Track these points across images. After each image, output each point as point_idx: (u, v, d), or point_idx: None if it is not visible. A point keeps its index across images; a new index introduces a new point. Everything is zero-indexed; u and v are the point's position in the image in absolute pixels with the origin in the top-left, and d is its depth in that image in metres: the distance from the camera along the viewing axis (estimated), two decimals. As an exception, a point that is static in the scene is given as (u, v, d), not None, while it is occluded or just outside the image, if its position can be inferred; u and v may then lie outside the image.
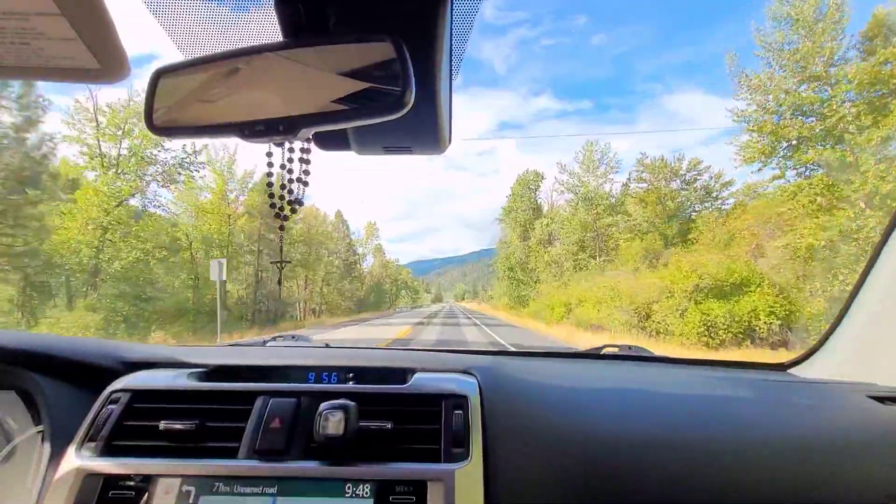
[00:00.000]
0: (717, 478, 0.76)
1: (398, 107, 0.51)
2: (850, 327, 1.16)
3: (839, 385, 1.05)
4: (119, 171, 16.57)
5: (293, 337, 1.44)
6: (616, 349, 1.43)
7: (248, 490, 0.72)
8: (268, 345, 1.35)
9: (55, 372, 0.90)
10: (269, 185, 0.69)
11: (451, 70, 0.70)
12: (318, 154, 0.76)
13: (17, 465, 0.83)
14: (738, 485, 0.76)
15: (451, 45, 0.66)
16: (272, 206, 0.70)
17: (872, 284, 1.12)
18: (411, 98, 0.51)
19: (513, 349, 1.48)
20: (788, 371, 1.27)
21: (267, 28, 0.60)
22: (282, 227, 0.74)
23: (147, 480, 0.73)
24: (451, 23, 0.62)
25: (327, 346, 1.27)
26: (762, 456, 0.79)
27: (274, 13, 0.58)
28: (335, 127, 0.57)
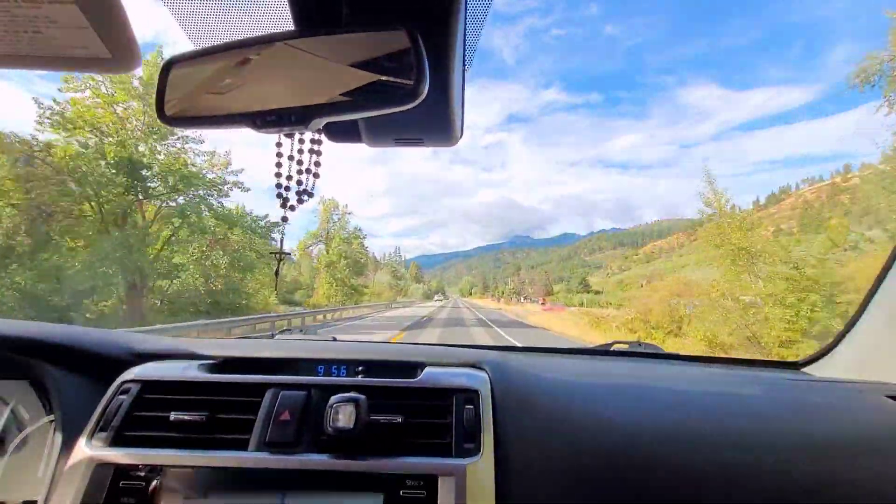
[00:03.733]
0: (731, 474, 0.75)
1: (411, 97, 0.50)
2: (866, 327, 1.14)
3: (855, 384, 1.04)
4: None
5: (301, 330, 1.44)
6: (626, 346, 1.41)
7: (257, 482, 0.72)
8: (276, 338, 1.36)
9: (67, 362, 0.91)
10: (278, 175, 0.69)
11: (464, 61, 0.69)
12: (328, 146, 0.76)
13: (30, 454, 0.84)
14: (752, 482, 0.74)
15: (465, 35, 0.65)
16: (279, 196, 0.70)
17: (888, 284, 1.10)
18: (425, 89, 0.50)
19: (522, 345, 1.47)
20: (802, 370, 1.25)
21: (279, 17, 0.59)
22: (285, 219, 0.73)
23: (157, 471, 0.73)
24: (466, 13, 0.61)
25: (335, 339, 1.28)
26: (777, 453, 0.78)
27: (286, 2, 0.57)
28: (348, 117, 0.56)
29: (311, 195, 0.72)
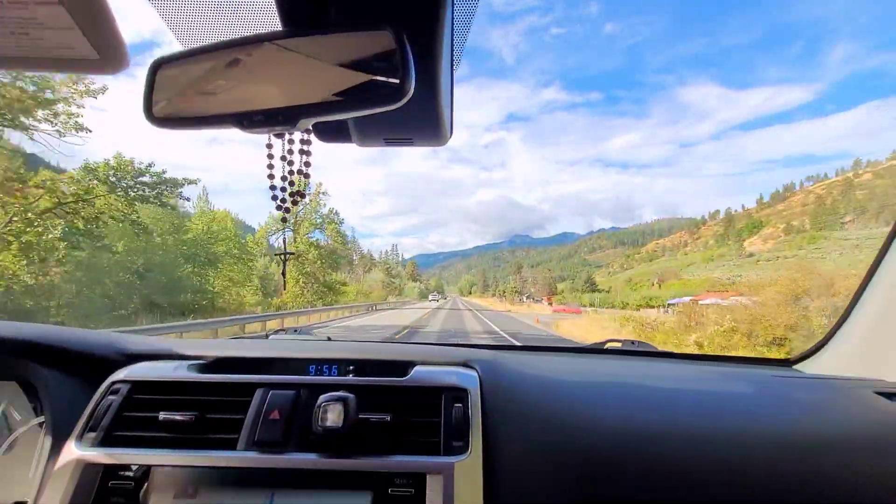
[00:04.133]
0: (721, 472, 0.76)
1: (398, 97, 0.51)
2: (857, 324, 1.15)
3: (846, 381, 1.04)
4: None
5: (295, 330, 1.44)
6: (619, 344, 1.42)
7: (246, 481, 0.72)
8: (270, 338, 1.36)
9: (57, 363, 0.91)
10: (271, 177, 0.69)
11: (452, 61, 0.69)
12: (320, 146, 0.76)
13: (19, 455, 0.84)
14: (743, 478, 0.75)
15: (453, 35, 0.66)
16: (274, 198, 0.70)
17: (878, 281, 1.10)
18: (411, 88, 0.51)
19: (515, 343, 1.46)
20: (794, 367, 1.26)
21: (266, 18, 0.59)
22: (285, 220, 0.74)
23: (146, 471, 0.74)
24: (453, 12, 0.62)
25: (329, 339, 1.28)
26: (768, 450, 0.78)
27: (273, 2, 0.58)
28: (335, 117, 0.57)
29: (303, 196, 0.72)
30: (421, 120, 0.71)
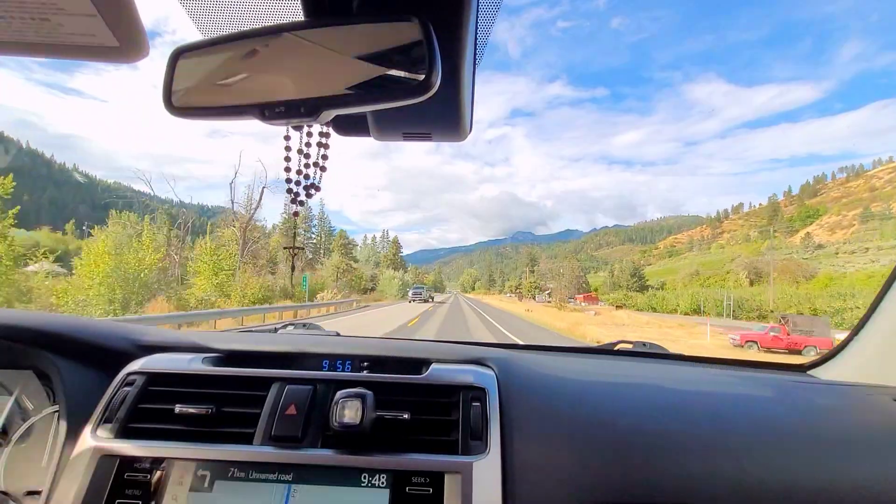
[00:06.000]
0: (736, 475, 0.75)
1: (423, 90, 0.50)
2: (874, 331, 1.14)
3: (862, 387, 1.03)
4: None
5: (304, 325, 1.44)
6: (630, 346, 1.41)
7: (263, 476, 0.72)
8: (279, 331, 1.35)
9: (72, 353, 0.91)
10: (287, 169, 0.68)
11: (475, 56, 0.68)
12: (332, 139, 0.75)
13: (34, 444, 0.84)
14: (757, 483, 0.74)
15: (477, 29, 0.64)
16: (289, 191, 0.69)
17: None
18: (437, 82, 0.49)
19: (526, 344, 1.47)
20: (808, 373, 1.24)
21: (289, 7, 0.58)
22: (296, 214, 0.73)
23: (162, 463, 0.73)
24: (478, 6, 0.60)
25: (338, 334, 1.27)
26: (784, 456, 0.77)
27: None
28: (358, 110, 0.55)
29: (317, 189, 0.71)
30: (441, 115, 0.70)
